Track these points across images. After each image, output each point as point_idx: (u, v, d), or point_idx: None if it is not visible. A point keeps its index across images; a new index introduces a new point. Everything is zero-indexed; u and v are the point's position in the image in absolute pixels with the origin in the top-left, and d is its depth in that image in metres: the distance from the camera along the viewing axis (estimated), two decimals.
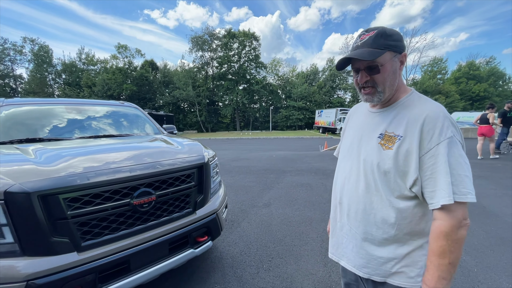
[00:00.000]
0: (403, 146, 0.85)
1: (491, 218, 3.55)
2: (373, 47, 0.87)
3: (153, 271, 1.67)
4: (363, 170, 0.96)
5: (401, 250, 0.91)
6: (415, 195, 0.86)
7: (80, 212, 1.42)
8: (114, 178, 1.53)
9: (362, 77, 0.93)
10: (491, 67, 44.71)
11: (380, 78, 0.90)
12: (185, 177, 1.93)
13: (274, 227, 3.35)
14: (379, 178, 0.91)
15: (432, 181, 0.80)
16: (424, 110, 0.86)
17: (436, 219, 0.81)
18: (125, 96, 34.77)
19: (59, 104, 2.92)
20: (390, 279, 0.94)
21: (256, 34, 38.69)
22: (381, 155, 0.90)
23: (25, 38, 35.78)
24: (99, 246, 1.48)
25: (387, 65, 0.89)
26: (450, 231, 0.77)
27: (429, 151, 0.81)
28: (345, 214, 1.05)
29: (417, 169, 0.82)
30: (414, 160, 0.83)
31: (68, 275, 1.33)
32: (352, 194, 1.00)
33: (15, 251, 1.28)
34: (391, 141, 0.89)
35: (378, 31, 0.89)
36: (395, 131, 0.90)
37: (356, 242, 1.00)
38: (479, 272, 2.34)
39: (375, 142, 0.94)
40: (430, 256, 0.81)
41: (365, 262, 0.98)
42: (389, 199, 0.90)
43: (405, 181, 0.86)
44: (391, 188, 0.89)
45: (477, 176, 5.96)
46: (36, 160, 1.56)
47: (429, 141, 0.81)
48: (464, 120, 26.60)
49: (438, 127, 0.81)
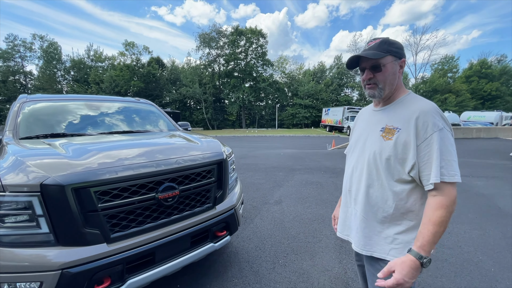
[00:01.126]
0: (401, 137, 1.01)
1: (507, 218, 3.50)
2: (378, 50, 1.06)
3: (176, 263, 1.71)
4: (367, 160, 1.12)
5: (398, 228, 1.06)
6: (412, 179, 1.02)
7: (110, 205, 1.47)
8: (141, 172, 1.58)
9: (367, 75, 1.11)
10: (503, 65, 43.41)
11: (381, 76, 1.08)
12: (206, 173, 1.97)
13: (286, 223, 3.38)
14: (381, 165, 1.07)
15: (428, 166, 0.96)
16: (419, 106, 1.02)
17: (435, 195, 0.95)
18: (132, 93, 35.04)
19: (79, 100, 2.99)
20: (389, 256, 1.07)
21: (263, 32, 38.41)
22: (383, 145, 1.06)
23: (35, 35, 36.26)
24: (127, 238, 1.53)
25: (388, 66, 1.07)
26: (449, 204, 0.93)
27: (425, 140, 0.96)
28: (353, 199, 1.22)
29: (415, 156, 0.98)
30: (412, 148, 0.98)
31: (99, 265, 1.39)
32: (358, 182, 1.17)
33: (50, 240, 1.34)
34: (391, 133, 1.05)
35: (383, 39, 1.09)
36: (394, 124, 1.06)
37: (360, 223, 1.16)
38: (496, 272, 2.32)
39: (378, 135, 1.11)
40: (428, 225, 0.93)
41: (368, 240, 1.13)
42: (389, 183, 1.06)
43: (404, 167, 1.01)
44: (391, 173, 1.05)
45: (491, 177, 5.87)
46: (66, 154, 1.61)
47: (425, 132, 0.96)
48: (475, 119, 26.03)
49: (431, 120, 0.96)
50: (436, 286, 2.14)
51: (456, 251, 2.69)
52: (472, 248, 2.75)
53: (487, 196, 4.52)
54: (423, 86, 40.61)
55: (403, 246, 1.05)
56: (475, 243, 2.86)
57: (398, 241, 1.06)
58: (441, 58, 43.81)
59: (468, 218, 3.53)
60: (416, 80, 43.98)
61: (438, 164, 0.93)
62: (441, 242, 2.86)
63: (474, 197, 4.46)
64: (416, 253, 0.93)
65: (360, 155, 1.18)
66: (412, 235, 1.04)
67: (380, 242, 1.10)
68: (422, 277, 2.24)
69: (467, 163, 7.58)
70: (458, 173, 0.95)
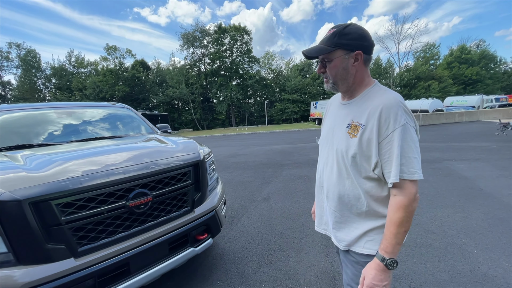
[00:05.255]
0: (365, 134, 0.97)
1: (489, 199, 3.59)
2: (325, 45, 1.01)
3: (154, 272, 1.65)
4: (336, 158, 1.09)
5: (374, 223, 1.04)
6: (377, 177, 0.99)
7: (75, 217, 1.39)
8: (107, 180, 1.50)
9: (319, 69, 1.08)
10: (482, 50, 44.63)
11: (330, 71, 1.04)
12: (181, 176, 1.90)
13: (274, 220, 3.35)
14: (348, 163, 1.03)
15: (389, 164, 0.93)
16: (382, 100, 0.97)
17: (394, 195, 0.94)
18: (118, 98, 34.20)
19: (49, 109, 2.85)
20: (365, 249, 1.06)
21: (247, 28, 38.14)
22: (349, 142, 1.02)
23: (11, 43, 34.97)
24: (97, 251, 1.45)
25: (336, 61, 1.01)
26: (408, 204, 0.91)
27: (386, 137, 0.92)
28: (325, 196, 1.20)
29: (377, 154, 0.95)
30: (374, 146, 0.95)
31: (66, 282, 1.31)
32: (329, 179, 1.14)
33: (9, 260, 1.25)
34: (356, 130, 1.01)
35: (335, 31, 1.01)
36: (359, 120, 1.01)
37: (336, 219, 1.14)
38: (478, 254, 2.37)
39: (344, 131, 1.06)
40: (389, 227, 0.93)
41: (344, 235, 1.12)
42: (358, 181, 1.03)
43: (369, 164, 0.98)
44: (359, 171, 1.02)
45: (473, 159, 6.02)
46: (25, 166, 1.52)
47: (386, 129, 0.92)
48: (457, 104, 26.76)
49: (392, 116, 0.92)
50: (420, 272, 2.16)
51: (439, 235, 2.72)
52: (455, 231, 2.79)
53: (469, 178, 4.63)
54: (407, 74, 41.37)
55: (377, 237, 1.04)
56: (458, 226, 2.91)
57: (373, 232, 1.05)
58: (423, 46, 44.72)
59: (451, 202, 3.60)
60: (400, 68, 44.77)
61: (398, 162, 0.90)
62: (425, 227, 2.90)
63: (457, 180, 4.55)
64: (380, 255, 0.94)
65: (330, 151, 1.15)
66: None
67: (355, 236, 1.08)
68: (407, 265, 2.25)
69: (450, 147, 7.76)
70: (419, 170, 0.92)
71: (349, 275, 1.14)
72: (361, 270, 1.06)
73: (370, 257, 1.03)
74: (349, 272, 1.14)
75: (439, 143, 8.77)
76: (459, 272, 2.13)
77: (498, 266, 2.17)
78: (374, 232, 1.04)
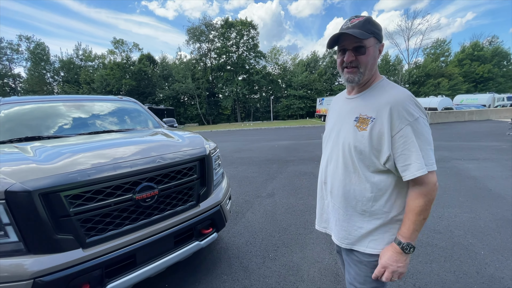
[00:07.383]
0: (376, 127, 0.96)
1: (498, 200, 3.53)
2: (363, 30, 0.96)
3: (159, 264, 1.67)
4: (341, 152, 1.08)
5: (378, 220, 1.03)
6: (387, 169, 0.98)
7: (83, 209, 1.41)
8: (115, 173, 1.52)
9: (349, 57, 1.01)
10: (495, 47, 43.24)
11: (364, 59, 0.99)
12: (187, 170, 1.91)
13: (278, 216, 3.36)
14: (355, 157, 1.02)
15: (404, 157, 0.92)
16: (392, 94, 0.97)
17: (415, 185, 0.94)
18: (124, 91, 34.47)
19: (58, 101, 2.89)
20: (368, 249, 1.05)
21: (254, 23, 37.75)
22: (357, 136, 1.01)
23: (21, 36, 35.35)
24: (104, 242, 1.48)
25: (371, 49, 0.99)
26: (427, 193, 0.93)
27: (400, 131, 0.92)
28: (329, 192, 1.18)
29: (390, 147, 0.94)
30: (386, 139, 0.94)
31: (74, 272, 1.34)
32: (333, 174, 1.13)
33: (20, 249, 1.28)
34: (365, 123, 0.99)
35: (367, 18, 0.99)
36: (368, 113, 1.00)
37: (339, 216, 1.12)
38: (486, 255, 2.33)
39: (351, 125, 1.04)
40: (408, 213, 0.95)
41: (347, 234, 1.10)
42: (365, 175, 1.01)
43: (379, 158, 0.97)
44: (367, 165, 1.01)
45: (482, 159, 5.91)
46: (35, 158, 1.54)
47: (400, 123, 0.92)
48: (468, 102, 26.20)
49: (405, 110, 0.92)
50: (425, 271, 2.14)
51: (446, 235, 2.69)
52: (462, 231, 2.76)
53: (478, 178, 4.55)
54: (416, 71, 40.53)
55: (381, 237, 1.03)
56: (465, 226, 2.87)
57: (377, 232, 1.04)
58: (433, 42, 43.64)
59: (459, 202, 3.55)
60: (409, 65, 43.87)
61: (419, 155, 0.90)
62: (432, 227, 2.86)
63: (466, 180, 4.48)
64: (397, 239, 0.97)
65: (334, 146, 1.13)
66: (390, 226, 1.03)
67: (359, 235, 1.07)
68: (412, 264, 2.23)
69: (459, 147, 7.62)
70: (434, 160, 0.95)
71: (352, 275, 1.14)
72: (364, 269, 1.07)
73: (374, 257, 1.04)
74: (352, 272, 1.13)
75: (447, 142, 8.62)
76: (465, 273, 2.11)
77: (506, 268, 2.14)
78: (378, 231, 1.04)
